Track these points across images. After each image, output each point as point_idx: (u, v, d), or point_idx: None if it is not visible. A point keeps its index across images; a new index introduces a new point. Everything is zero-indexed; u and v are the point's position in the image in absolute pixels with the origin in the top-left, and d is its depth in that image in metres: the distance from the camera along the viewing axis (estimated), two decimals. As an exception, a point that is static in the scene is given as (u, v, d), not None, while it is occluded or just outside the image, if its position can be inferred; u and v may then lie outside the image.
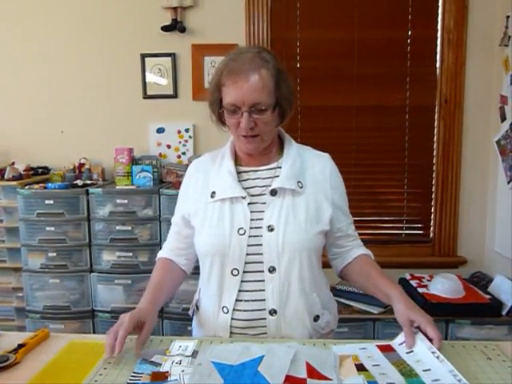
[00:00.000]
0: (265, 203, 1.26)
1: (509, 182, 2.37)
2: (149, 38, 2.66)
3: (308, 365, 1.02)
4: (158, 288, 1.29)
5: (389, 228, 2.80)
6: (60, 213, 2.36)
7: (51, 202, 2.36)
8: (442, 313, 2.28)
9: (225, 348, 1.12)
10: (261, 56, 1.21)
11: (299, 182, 1.28)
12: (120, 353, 1.06)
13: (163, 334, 2.36)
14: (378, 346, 1.14)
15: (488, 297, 2.34)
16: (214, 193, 1.29)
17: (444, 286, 2.36)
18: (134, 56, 2.68)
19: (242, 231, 1.24)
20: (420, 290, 2.40)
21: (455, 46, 2.59)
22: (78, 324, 2.43)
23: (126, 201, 2.37)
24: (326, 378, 0.98)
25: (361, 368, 1.02)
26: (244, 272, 1.24)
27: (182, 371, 1.02)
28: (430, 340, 1.08)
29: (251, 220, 1.24)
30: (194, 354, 1.09)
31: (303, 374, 0.99)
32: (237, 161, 1.33)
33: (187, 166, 1.43)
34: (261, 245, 1.23)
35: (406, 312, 1.14)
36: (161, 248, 1.45)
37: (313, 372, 1.00)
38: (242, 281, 1.24)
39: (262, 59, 1.21)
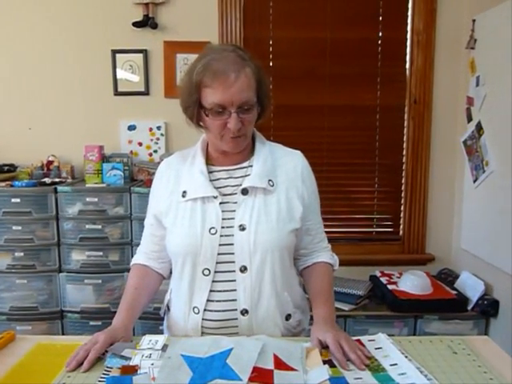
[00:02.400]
0: (236, 203, 1.26)
1: (474, 181, 2.44)
2: (120, 33, 2.62)
3: (275, 357, 1.04)
4: (133, 301, 1.27)
5: (360, 226, 2.84)
6: (27, 211, 2.31)
7: (18, 200, 2.30)
8: (411, 309, 2.33)
9: (194, 341, 1.13)
10: (239, 54, 1.21)
11: (270, 180, 1.27)
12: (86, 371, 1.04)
13: (134, 334, 2.33)
14: (347, 341, 1.16)
15: (454, 292, 2.41)
16: (185, 192, 1.28)
17: (413, 282, 2.42)
18: (105, 52, 2.63)
19: (213, 231, 1.23)
20: (390, 286, 2.45)
21: (424, 48, 2.64)
22: (46, 325, 2.37)
23: (96, 199, 2.33)
24: (292, 369, 1.00)
25: (330, 364, 1.04)
26: (215, 272, 1.23)
27: (152, 364, 1.02)
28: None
29: (223, 219, 1.24)
30: (164, 347, 1.09)
31: (270, 366, 1.01)
32: (208, 160, 1.32)
33: (159, 163, 1.42)
34: (232, 244, 1.23)
35: (315, 334, 1.15)
36: (132, 247, 1.43)
37: (280, 363, 1.02)
38: (213, 281, 1.23)
39: (241, 58, 1.20)
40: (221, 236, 1.23)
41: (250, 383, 0.95)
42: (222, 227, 1.23)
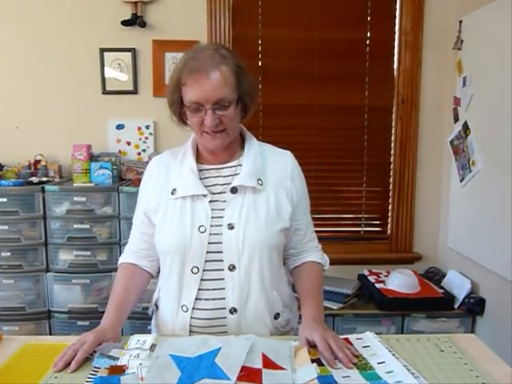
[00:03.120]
0: (225, 201, 1.26)
1: (461, 181, 2.47)
2: (108, 32, 2.60)
3: (264, 356, 1.04)
4: (122, 302, 1.27)
5: (348, 225, 2.85)
6: (14, 211, 2.28)
7: (5, 199, 2.28)
8: (399, 307, 2.35)
9: (183, 341, 1.13)
10: (219, 53, 1.21)
11: (259, 179, 1.28)
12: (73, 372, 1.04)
13: (123, 334, 2.32)
14: (335, 340, 1.17)
15: (441, 291, 2.43)
16: (174, 190, 1.28)
17: (400, 281, 2.44)
18: (93, 50, 2.61)
19: (202, 229, 1.23)
20: (377, 285, 2.47)
21: (412, 48, 2.66)
22: (33, 325, 2.35)
23: (84, 198, 2.32)
24: (280, 368, 1.01)
25: (318, 363, 1.05)
26: (204, 270, 1.23)
27: (140, 364, 1.02)
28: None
29: (212, 218, 1.24)
30: (152, 347, 1.09)
31: (259, 365, 1.01)
32: (198, 158, 1.32)
33: (147, 163, 1.42)
34: (221, 243, 1.23)
35: (303, 332, 1.15)
36: (120, 247, 1.42)
37: (268, 362, 1.02)
38: (201, 279, 1.23)
39: (220, 56, 1.21)
40: (210, 234, 1.23)
41: (238, 383, 0.95)
42: (211, 226, 1.24)
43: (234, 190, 1.27)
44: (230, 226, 1.23)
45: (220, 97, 1.18)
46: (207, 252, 1.23)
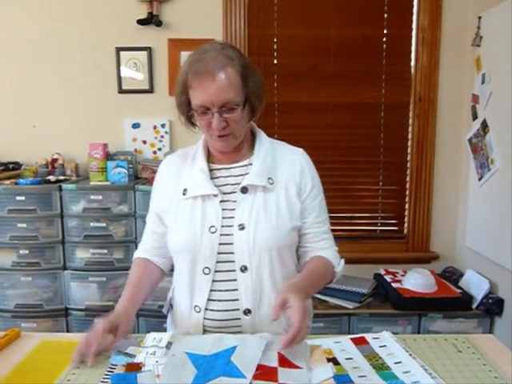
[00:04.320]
0: (236, 201, 1.25)
1: (479, 180, 2.43)
2: (124, 31, 2.62)
3: (280, 354, 1.03)
4: (135, 288, 1.27)
5: (364, 224, 2.83)
6: (32, 209, 2.31)
7: (23, 198, 2.31)
8: (415, 307, 2.32)
9: (198, 339, 1.13)
10: (224, 53, 1.19)
11: (270, 178, 1.26)
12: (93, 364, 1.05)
13: (139, 332, 2.34)
14: (351, 338, 1.17)
15: (459, 291, 2.40)
16: (185, 190, 1.28)
17: (417, 280, 2.41)
18: (109, 49, 2.64)
19: (213, 229, 1.23)
20: (394, 285, 2.44)
21: (429, 45, 2.63)
22: (50, 323, 2.38)
23: (100, 197, 2.34)
24: (296, 367, 1.00)
25: (334, 362, 1.04)
26: (216, 271, 1.23)
27: (156, 362, 1.02)
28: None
29: (223, 218, 1.23)
30: (168, 345, 1.09)
31: (274, 363, 1.01)
32: (209, 158, 1.32)
33: (163, 161, 1.42)
34: (232, 244, 1.22)
35: (285, 290, 1.10)
36: (136, 245, 1.43)
37: (284, 361, 1.02)
38: (213, 280, 1.23)
39: (225, 57, 1.18)
40: (220, 235, 1.22)
41: (254, 381, 0.95)
42: (222, 226, 1.23)
43: (244, 190, 1.25)
44: (241, 227, 1.22)
45: (226, 100, 1.16)
46: (218, 253, 1.22)
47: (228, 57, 1.18)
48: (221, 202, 1.25)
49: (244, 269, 1.22)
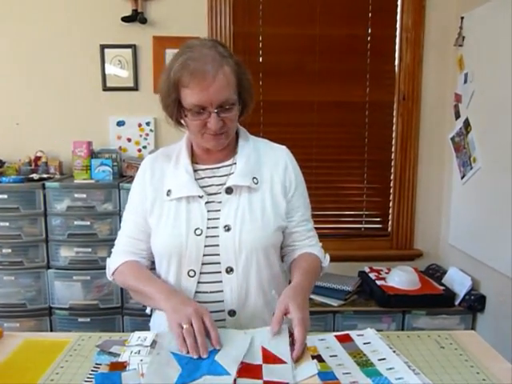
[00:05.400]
0: (221, 202, 1.23)
1: (462, 178, 2.47)
2: (109, 28, 2.59)
3: (264, 349, 1.04)
4: (147, 274, 1.26)
5: (349, 222, 2.85)
6: (15, 208, 2.28)
7: (5, 196, 2.28)
8: (399, 304, 2.35)
9: None
10: (218, 51, 1.17)
11: (254, 177, 1.25)
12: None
13: (123, 331, 2.33)
14: (336, 336, 1.18)
15: (442, 288, 2.43)
16: (169, 191, 1.25)
17: (401, 278, 2.44)
18: (94, 47, 2.61)
19: (198, 231, 1.21)
20: (378, 282, 2.47)
21: (413, 45, 2.65)
22: (34, 322, 2.36)
23: (84, 195, 2.32)
24: (281, 362, 1.01)
25: (319, 359, 1.04)
26: (201, 273, 1.21)
27: (141, 361, 1.02)
28: (293, 340, 1.04)
29: (208, 220, 1.22)
30: (153, 344, 1.08)
31: (259, 361, 1.01)
32: (193, 158, 1.29)
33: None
34: (218, 245, 1.21)
35: (287, 299, 1.11)
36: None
37: (268, 356, 1.02)
38: (199, 282, 1.21)
39: (220, 55, 1.16)
40: (206, 237, 1.21)
41: (238, 379, 0.95)
42: (208, 228, 1.21)
43: (228, 191, 1.24)
44: (227, 228, 1.21)
45: (224, 99, 1.15)
46: (204, 255, 1.21)
47: (222, 55, 1.17)
48: (206, 203, 1.23)
49: (230, 270, 1.21)
